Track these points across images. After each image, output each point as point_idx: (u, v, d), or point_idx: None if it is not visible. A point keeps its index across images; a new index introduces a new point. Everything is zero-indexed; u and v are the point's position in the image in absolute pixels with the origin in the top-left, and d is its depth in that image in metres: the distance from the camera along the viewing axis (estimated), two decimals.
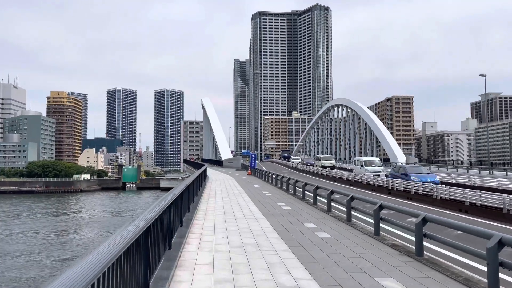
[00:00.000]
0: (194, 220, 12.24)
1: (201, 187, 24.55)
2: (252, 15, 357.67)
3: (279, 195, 20.96)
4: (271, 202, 17.62)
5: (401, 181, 23.17)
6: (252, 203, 17.21)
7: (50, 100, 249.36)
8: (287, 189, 23.19)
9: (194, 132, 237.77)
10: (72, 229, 55.79)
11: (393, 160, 72.10)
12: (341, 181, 34.14)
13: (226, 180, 35.60)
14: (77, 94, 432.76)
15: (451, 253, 9.04)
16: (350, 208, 12.18)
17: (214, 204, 16.77)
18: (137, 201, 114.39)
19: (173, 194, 8.40)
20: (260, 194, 21.22)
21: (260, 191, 23.65)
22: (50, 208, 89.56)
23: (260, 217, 13.10)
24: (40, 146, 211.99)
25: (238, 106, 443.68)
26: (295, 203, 17.19)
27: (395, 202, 19.34)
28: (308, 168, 53.90)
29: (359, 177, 30.12)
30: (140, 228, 4.55)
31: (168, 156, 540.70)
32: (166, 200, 7.34)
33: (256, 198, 19.09)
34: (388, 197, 22.46)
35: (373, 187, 26.74)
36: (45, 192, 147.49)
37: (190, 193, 14.20)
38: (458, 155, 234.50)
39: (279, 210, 14.87)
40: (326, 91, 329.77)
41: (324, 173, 41.45)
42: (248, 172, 47.40)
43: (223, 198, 19.34)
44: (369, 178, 27.86)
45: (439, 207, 17.51)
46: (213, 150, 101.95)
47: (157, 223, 6.24)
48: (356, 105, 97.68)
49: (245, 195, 21.01)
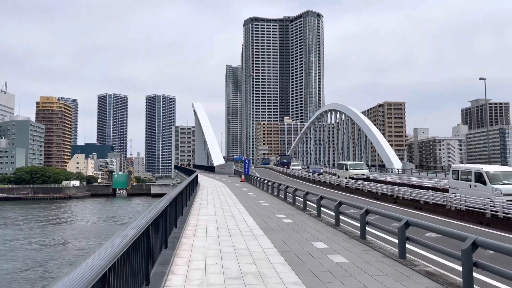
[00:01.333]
0: (182, 238, 10.41)
1: (192, 196, 22.67)
2: (244, 21, 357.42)
3: (277, 205, 19.18)
4: (269, 213, 15.83)
5: (407, 189, 21.53)
6: (248, 215, 15.40)
7: (39, 105, 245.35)
8: (285, 198, 21.42)
9: (185, 138, 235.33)
10: (56, 239, 53.28)
11: (389, 165, 70.82)
12: (340, 188, 32.48)
13: (219, 187, 33.71)
14: (67, 99, 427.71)
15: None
16: (365, 223, 10.45)
17: (205, 216, 14.93)
18: (127, 208, 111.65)
19: (153, 212, 6.61)
20: (256, 204, 19.42)
21: (256, 200, 21.83)
22: (37, 216, 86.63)
23: (259, 233, 11.31)
24: (29, 152, 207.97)
25: (230, 111, 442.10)
26: (296, 215, 15.42)
27: (407, 213, 17.68)
28: (304, 174, 52.18)
29: (360, 185, 28.46)
30: (97, 272, 2.80)
31: (159, 162, 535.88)
32: (142, 221, 5.54)
33: (252, 209, 17.29)
34: (395, 207, 20.80)
35: (375, 195, 25.10)
36: (33, 199, 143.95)
37: (178, 205, 12.37)
38: (450, 161, 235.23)
39: (280, 224, 13.09)
40: (318, 96, 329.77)
41: (321, 179, 39.79)
42: (241, 179, 45.55)
43: (216, 209, 17.50)
44: (372, 186, 26.20)
45: (456, 218, 15.85)
46: (204, 155, 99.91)
47: (127, 256, 4.44)
48: (350, 110, 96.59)
49: (240, 205, 19.20)
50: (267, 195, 25.21)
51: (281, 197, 22.62)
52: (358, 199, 24.50)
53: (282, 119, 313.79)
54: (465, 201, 15.97)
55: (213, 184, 39.30)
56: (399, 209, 19.71)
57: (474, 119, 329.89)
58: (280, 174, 64.37)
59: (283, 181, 37.85)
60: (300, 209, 17.22)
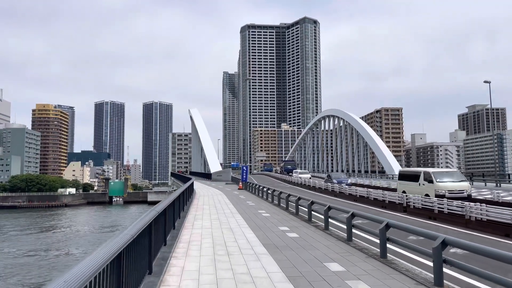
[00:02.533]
0: (172, 259, 8.84)
1: (187, 206, 21.10)
2: (241, 28, 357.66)
3: (279, 215, 17.63)
4: (271, 225, 14.28)
5: (418, 196, 19.99)
6: (248, 227, 13.85)
7: (35, 113, 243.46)
8: (287, 207, 19.86)
9: (182, 145, 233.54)
10: (50, 248, 51.39)
11: (389, 171, 69.38)
12: (344, 196, 30.95)
13: (216, 195, 32.10)
14: (64, 107, 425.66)
15: None
16: (385, 240, 8.92)
17: (200, 229, 13.36)
18: (122, 216, 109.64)
19: (131, 232, 5.09)
20: (256, 215, 17.85)
21: (255, 209, 20.27)
22: (31, 224, 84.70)
23: (262, 251, 9.76)
24: (24, 160, 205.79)
25: (227, 118, 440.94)
26: (301, 227, 13.88)
27: (424, 225, 16.17)
28: (297, 180, 50.58)
29: (364, 192, 26.93)
30: None
31: (156, 169, 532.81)
32: (109, 248, 4.02)
33: (252, 220, 15.73)
34: (405, 217, 19.29)
35: (382, 204, 23.57)
36: (28, 207, 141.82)
37: (168, 218, 10.83)
38: (448, 166, 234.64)
39: (284, 239, 11.55)
40: (315, 103, 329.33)
41: (322, 187, 38.24)
42: (239, 186, 43.96)
43: (212, 220, 15.93)
44: (378, 194, 24.65)
45: (478, 230, 14.34)
46: (201, 162, 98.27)
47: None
48: (348, 115, 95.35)
49: (238, 215, 17.63)
50: (267, 204, 23.64)
51: (282, 207, 21.06)
52: (363, 208, 22.99)
53: (279, 125, 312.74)
54: (486, 211, 14.48)
55: (210, 192, 37.69)
56: (411, 219, 18.19)
57: (471, 125, 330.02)
58: (279, 181, 62.77)
59: (282, 188, 36.32)
60: (304, 220, 15.68)
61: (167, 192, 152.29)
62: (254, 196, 31.34)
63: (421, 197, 19.53)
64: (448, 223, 16.26)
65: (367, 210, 20.51)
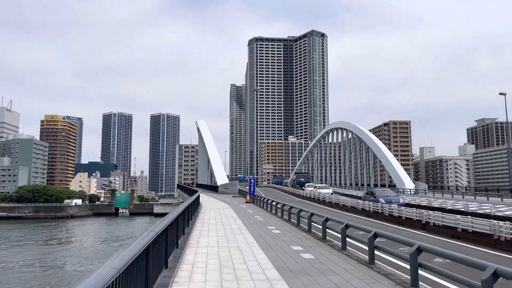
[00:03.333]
0: (173, 284, 7.79)
1: (192, 220, 20.04)
2: (249, 41, 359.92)
3: (290, 232, 16.48)
4: (283, 244, 13.16)
5: (431, 212, 18.75)
6: (257, 246, 12.74)
7: (43, 124, 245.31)
8: (298, 223, 18.70)
9: (189, 156, 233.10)
10: (51, 260, 50.41)
11: (400, 186, 67.77)
12: (356, 211, 29.65)
13: (222, 209, 30.98)
14: (73, 118, 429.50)
15: None
16: (417, 266, 7.78)
17: (206, 248, 12.28)
18: (128, 228, 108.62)
19: (120, 262, 4.07)
20: (265, 232, 16.72)
21: (264, 225, 19.13)
22: (36, 236, 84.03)
23: (275, 276, 8.65)
24: (32, 170, 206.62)
25: (234, 130, 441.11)
26: (316, 247, 12.74)
27: (441, 243, 14.93)
28: (308, 194, 49.18)
29: (378, 207, 25.66)
30: None
31: (163, 180, 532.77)
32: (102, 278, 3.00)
33: (262, 238, 14.61)
34: (425, 235, 18.03)
35: (399, 220, 22.30)
36: (35, 218, 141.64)
37: (170, 237, 9.79)
38: (457, 181, 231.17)
39: (299, 261, 10.42)
40: (323, 115, 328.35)
41: (332, 201, 36.96)
42: (246, 200, 42.78)
43: (219, 237, 14.84)
44: (393, 210, 23.40)
45: (509, 252, 13.06)
46: (208, 174, 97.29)
47: None
48: (357, 128, 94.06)
49: (247, 232, 16.51)
50: (276, 219, 22.48)
51: (293, 222, 19.90)
52: (377, 224, 21.77)
53: (286, 138, 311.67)
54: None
55: (216, 205, 36.58)
56: (431, 237, 16.94)
57: (480, 138, 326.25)
58: (287, 195, 61.45)
59: (290, 202, 35.14)
60: (318, 238, 14.53)
61: (173, 204, 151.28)
62: (263, 210, 30.18)
63: (442, 214, 18.28)
64: (474, 243, 14.99)
65: (382, 227, 19.30)
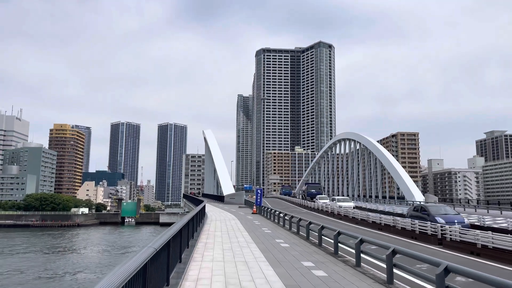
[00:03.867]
0: None
1: (197, 231, 19.32)
2: (256, 52, 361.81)
3: (300, 246, 15.68)
4: (292, 259, 12.38)
5: (455, 227, 17.85)
6: (265, 261, 11.99)
7: (52, 132, 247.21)
8: (308, 237, 17.88)
9: (196, 166, 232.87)
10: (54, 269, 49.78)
11: (409, 198, 66.50)
12: (366, 223, 28.71)
13: (228, 220, 30.21)
14: (81, 127, 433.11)
15: None
16: None
17: (211, 263, 11.56)
18: (133, 238, 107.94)
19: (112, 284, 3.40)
20: (273, 245, 15.94)
21: (272, 238, 18.34)
22: (41, 244, 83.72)
23: None
24: (40, 179, 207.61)
25: (241, 140, 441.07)
26: (327, 262, 11.95)
27: (460, 260, 14.01)
28: (317, 205, 48.18)
29: (390, 220, 24.72)
30: None
31: (169, 190, 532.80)
32: None
33: (269, 252, 13.84)
34: (442, 251, 17.11)
35: (412, 234, 21.35)
36: (41, 226, 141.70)
37: (172, 251, 9.10)
38: (466, 194, 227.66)
39: (311, 279, 9.64)
40: (330, 126, 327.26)
41: (341, 213, 36.00)
42: (253, 210, 41.97)
43: (225, 250, 14.10)
44: (406, 222, 22.47)
45: None
46: (214, 184, 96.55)
47: None
48: (365, 139, 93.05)
49: (254, 245, 15.74)
50: (284, 232, 21.66)
51: (302, 235, 19.08)
52: (388, 238, 20.87)
53: (293, 148, 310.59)
54: None
55: (222, 216, 35.81)
56: (450, 254, 16.03)
57: (489, 151, 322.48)
58: (295, 206, 60.41)
59: (298, 213, 34.31)
60: (329, 253, 13.72)
61: (179, 213, 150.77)
62: (269, 222, 29.36)
63: (459, 228, 17.36)
64: (497, 260, 14.08)
65: (394, 242, 18.43)
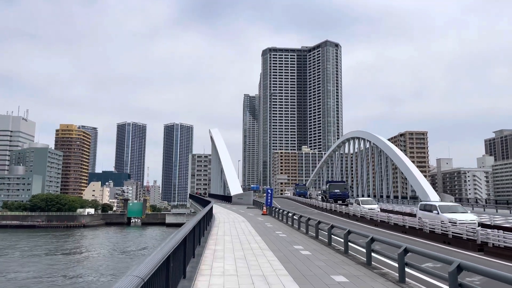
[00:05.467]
0: None
1: (204, 236, 17.26)
2: (262, 51, 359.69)
3: (323, 254, 13.53)
4: (319, 273, 10.27)
5: (497, 231, 15.63)
6: (287, 275, 9.90)
7: (58, 133, 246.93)
8: (330, 242, 15.74)
9: (202, 166, 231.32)
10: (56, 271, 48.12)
11: (423, 198, 64.02)
12: (385, 226, 26.49)
13: (238, 222, 28.13)
14: (88, 127, 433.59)
15: None
16: None
17: (222, 277, 9.49)
18: (139, 239, 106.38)
19: None
20: (292, 253, 13.82)
21: (289, 244, 16.22)
22: (47, 245, 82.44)
23: None
24: (46, 179, 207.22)
25: (247, 140, 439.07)
26: (363, 277, 9.82)
27: (502, 268, 11.83)
28: (327, 206, 45.97)
29: (416, 222, 22.50)
30: None
31: (175, 190, 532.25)
32: None
33: (291, 263, 11.73)
34: (484, 258, 14.91)
35: (444, 239, 19.14)
36: (47, 227, 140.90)
37: (174, 268, 7.05)
38: (476, 193, 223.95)
39: None
40: (337, 126, 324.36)
41: (356, 213, 33.78)
42: (263, 211, 39.85)
43: (237, 260, 12.02)
44: (435, 225, 20.21)
45: None
46: (221, 184, 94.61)
47: None
48: (376, 137, 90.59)
49: (270, 253, 13.63)
50: (300, 235, 19.54)
51: (322, 241, 16.93)
52: (418, 243, 18.69)
53: (299, 148, 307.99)
54: None
55: (231, 217, 33.76)
56: (497, 262, 13.84)
57: (498, 150, 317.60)
58: (304, 206, 58.22)
59: (309, 214, 32.23)
60: (361, 263, 11.58)
61: (185, 214, 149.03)
62: (282, 224, 27.24)
63: (504, 233, 15.15)
64: None
65: (424, 247, 16.24)
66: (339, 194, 57.18)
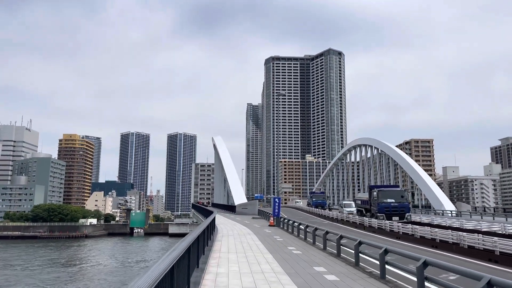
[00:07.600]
0: None
1: (205, 254, 14.52)
2: (265, 60, 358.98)
3: (351, 277, 10.77)
4: None
5: None
6: None
7: (62, 143, 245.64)
8: (357, 263, 12.93)
9: (205, 175, 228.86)
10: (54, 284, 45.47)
11: (437, 206, 60.92)
12: (409, 239, 23.64)
13: (243, 235, 25.32)
14: (91, 137, 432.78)
15: None
16: None
17: None
18: (141, 249, 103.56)
19: None
20: (316, 279, 10.96)
21: (309, 265, 13.34)
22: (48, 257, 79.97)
23: None
24: (48, 189, 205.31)
25: (250, 149, 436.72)
26: None
27: None
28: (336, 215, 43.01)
29: (449, 235, 19.69)
30: None
31: (179, 199, 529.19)
32: None
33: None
34: None
35: (490, 256, 16.28)
36: (49, 238, 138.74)
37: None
38: (483, 202, 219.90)
39: None
40: (340, 134, 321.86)
41: (373, 225, 30.89)
42: (270, 222, 36.97)
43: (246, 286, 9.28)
44: (474, 239, 17.42)
45: None
46: (224, 193, 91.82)
47: None
48: (384, 144, 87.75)
49: (287, 279, 10.80)
50: (317, 252, 16.72)
51: (346, 259, 14.14)
52: (452, 259, 15.90)
53: (303, 156, 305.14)
54: None
55: (235, 229, 30.94)
56: None
57: (505, 158, 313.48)
58: (313, 216, 55.26)
59: (319, 224, 29.40)
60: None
61: (188, 224, 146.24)
62: (293, 237, 24.41)
63: None
64: None
65: (471, 267, 13.44)
66: (394, 207, 36.24)
